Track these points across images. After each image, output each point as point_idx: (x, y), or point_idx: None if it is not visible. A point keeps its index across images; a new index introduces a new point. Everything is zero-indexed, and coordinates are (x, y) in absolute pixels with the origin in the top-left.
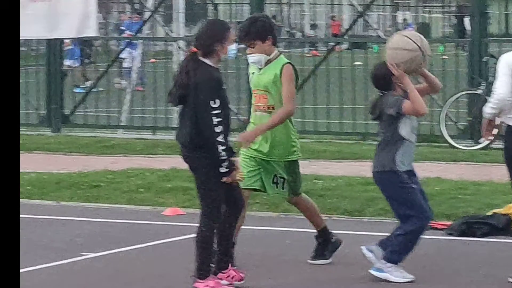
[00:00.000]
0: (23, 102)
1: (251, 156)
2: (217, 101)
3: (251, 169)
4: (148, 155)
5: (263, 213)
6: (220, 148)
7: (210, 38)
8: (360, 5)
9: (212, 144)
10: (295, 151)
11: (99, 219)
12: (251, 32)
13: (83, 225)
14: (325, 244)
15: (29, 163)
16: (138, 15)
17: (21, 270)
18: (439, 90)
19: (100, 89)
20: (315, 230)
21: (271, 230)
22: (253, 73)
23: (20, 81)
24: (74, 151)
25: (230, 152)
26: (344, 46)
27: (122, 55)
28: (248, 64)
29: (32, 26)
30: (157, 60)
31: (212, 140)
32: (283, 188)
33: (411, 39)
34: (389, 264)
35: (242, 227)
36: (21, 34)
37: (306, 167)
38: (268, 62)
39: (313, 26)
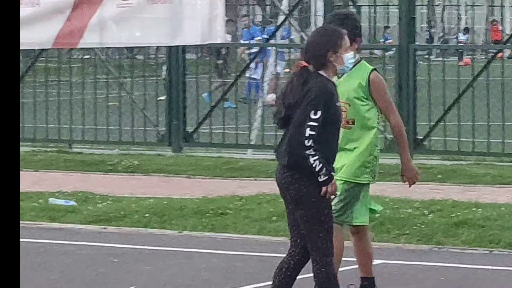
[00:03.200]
0: (140, 118)
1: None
2: (319, 113)
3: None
4: None
5: (413, 245)
6: (312, 159)
7: (322, 48)
8: None
9: (299, 157)
10: (360, 172)
11: (227, 251)
12: None
13: (208, 258)
14: None
15: (148, 187)
16: (270, 19)
17: None
18: None
19: (228, 104)
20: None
21: (422, 265)
22: None
23: (137, 93)
24: (198, 174)
25: (329, 174)
26: (507, 54)
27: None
28: None
29: (152, 32)
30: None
31: (299, 152)
32: None
33: None
34: None
35: (389, 261)
36: (139, 41)
37: (462, 194)
38: None
39: (465, 30)
